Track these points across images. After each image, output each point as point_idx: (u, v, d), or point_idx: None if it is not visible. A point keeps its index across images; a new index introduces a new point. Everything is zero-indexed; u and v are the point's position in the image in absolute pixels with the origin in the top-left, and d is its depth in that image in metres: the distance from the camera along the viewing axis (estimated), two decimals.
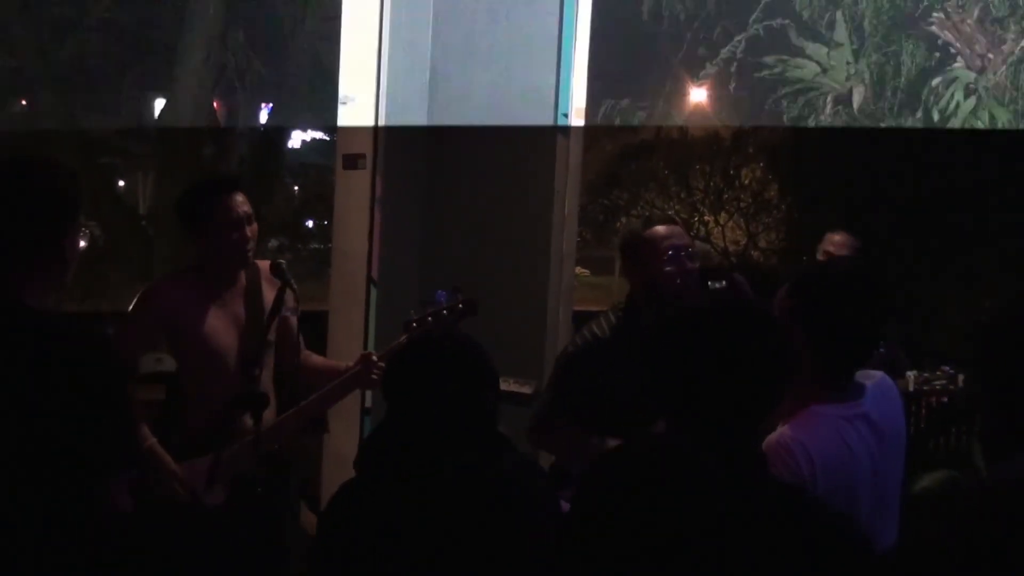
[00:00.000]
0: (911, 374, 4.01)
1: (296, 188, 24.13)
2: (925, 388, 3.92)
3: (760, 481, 2.02)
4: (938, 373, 3.96)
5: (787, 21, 5.38)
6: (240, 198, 3.86)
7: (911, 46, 5.23)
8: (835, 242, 4.92)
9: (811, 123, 5.47)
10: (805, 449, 2.43)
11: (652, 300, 3.60)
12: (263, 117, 19.33)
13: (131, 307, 3.92)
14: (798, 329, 2.48)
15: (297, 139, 26.95)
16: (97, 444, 2.32)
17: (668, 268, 3.60)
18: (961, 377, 3.90)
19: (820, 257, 4.91)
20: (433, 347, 2.51)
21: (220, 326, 3.90)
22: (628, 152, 17.13)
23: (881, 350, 3.86)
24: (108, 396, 2.35)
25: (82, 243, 2.60)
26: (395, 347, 3.78)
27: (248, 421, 3.70)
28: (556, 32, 5.11)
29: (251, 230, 3.86)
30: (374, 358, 3.90)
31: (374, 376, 3.90)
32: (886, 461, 2.65)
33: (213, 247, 3.84)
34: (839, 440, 2.53)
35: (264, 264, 4.02)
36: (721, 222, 16.15)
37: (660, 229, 3.71)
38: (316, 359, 4.24)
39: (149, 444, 3.74)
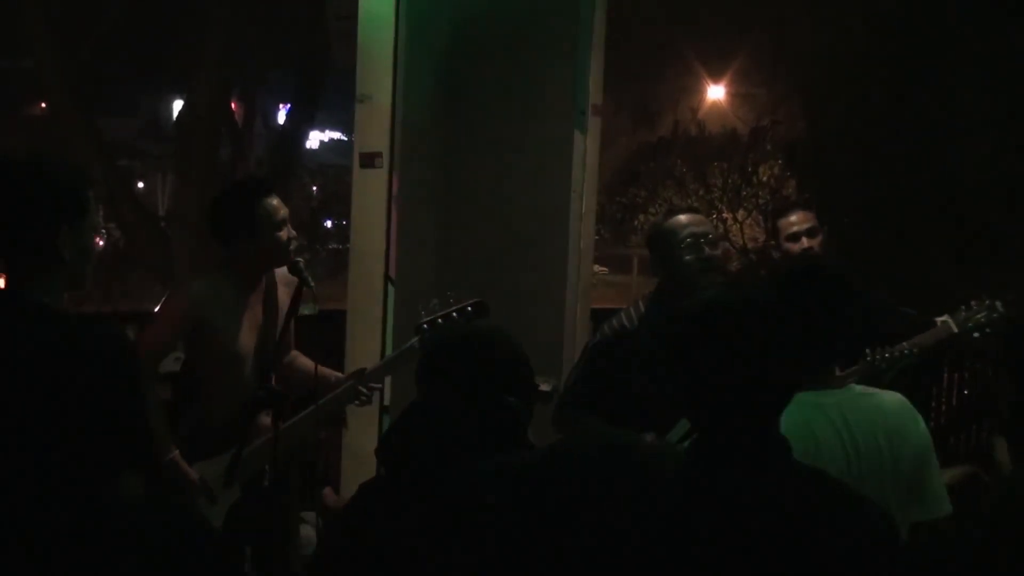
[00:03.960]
0: (944, 318, 3.95)
1: (314, 188, 24.25)
2: (970, 325, 3.86)
3: (783, 466, 2.02)
4: (973, 305, 3.90)
5: None
6: (278, 200, 3.97)
7: None
8: (794, 222, 4.61)
9: None
10: None
11: (678, 290, 3.61)
12: (281, 118, 19.43)
13: (162, 304, 3.97)
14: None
15: (315, 139, 27.09)
16: (107, 438, 2.33)
17: (688, 257, 3.63)
18: (999, 303, 3.86)
19: (786, 243, 4.62)
20: (469, 345, 2.48)
21: (245, 327, 3.98)
22: (645, 150, 17.13)
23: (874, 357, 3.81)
24: (119, 391, 2.36)
25: (99, 242, 2.61)
26: (406, 350, 4.02)
27: (264, 420, 3.73)
28: (573, 29, 5.10)
29: (289, 230, 3.99)
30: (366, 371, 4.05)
31: (363, 396, 4.04)
32: (860, 469, 2.59)
33: (256, 247, 3.92)
34: (804, 426, 2.53)
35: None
36: (739, 219, 16.12)
37: (680, 218, 3.76)
38: (304, 361, 4.27)
39: (172, 456, 3.79)
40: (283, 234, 3.94)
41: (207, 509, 3.83)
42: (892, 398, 2.74)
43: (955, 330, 3.96)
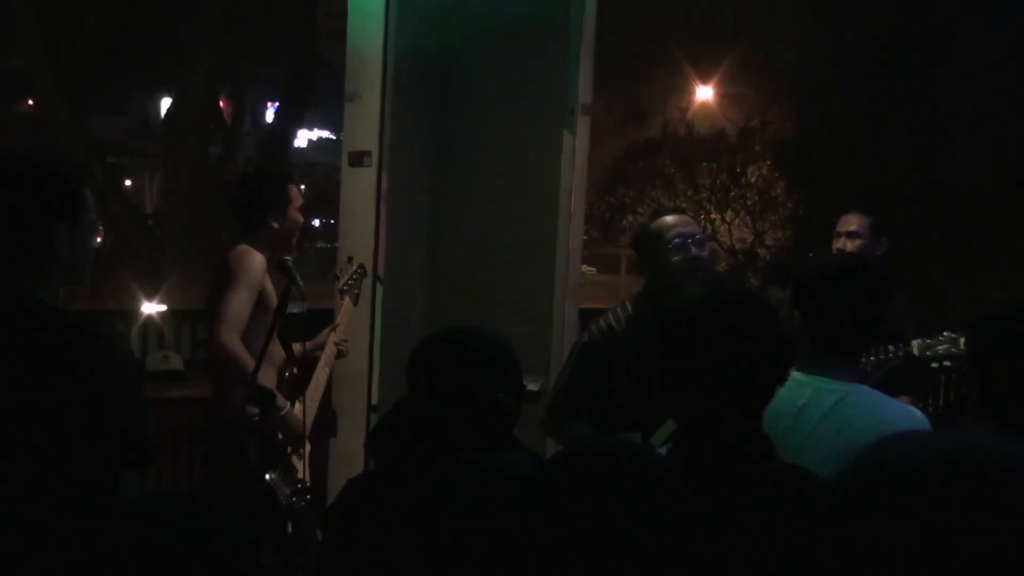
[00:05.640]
0: (916, 342, 4.04)
1: (303, 187, 24.14)
2: (928, 353, 3.94)
3: (766, 464, 2.03)
4: (940, 338, 3.98)
5: None
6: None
7: None
8: (844, 222, 4.86)
9: None
10: None
11: (665, 290, 3.61)
12: (269, 116, 19.38)
13: (235, 270, 4.17)
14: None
15: (303, 138, 27.03)
16: (104, 437, 2.33)
17: (675, 258, 3.63)
18: (962, 340, 3.92)
19: (838, 244, 4.82)
20: (459, 342, 2.48)
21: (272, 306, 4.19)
22: (634, 150, 17.13)
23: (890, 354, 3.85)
24: (115, 389, 2.36)
25: (98, 239, 2.60)
26: (345, 314, 4.49)
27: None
28: (563, 28, 5.10)
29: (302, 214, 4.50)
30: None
31: (341, 347, 4.47)
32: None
33: (288, 227, 4.39)
34: (791, 392, 2.55)
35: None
36: (728, 220, 16.14)
37: (667, 219, 3.75)
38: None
39: (288, 411, 4.16)
40: (301, 217, 4.44)
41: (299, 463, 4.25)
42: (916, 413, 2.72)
43: (915, 354, 3.99)
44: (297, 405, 4.26)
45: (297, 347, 4.50)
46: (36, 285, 2.40)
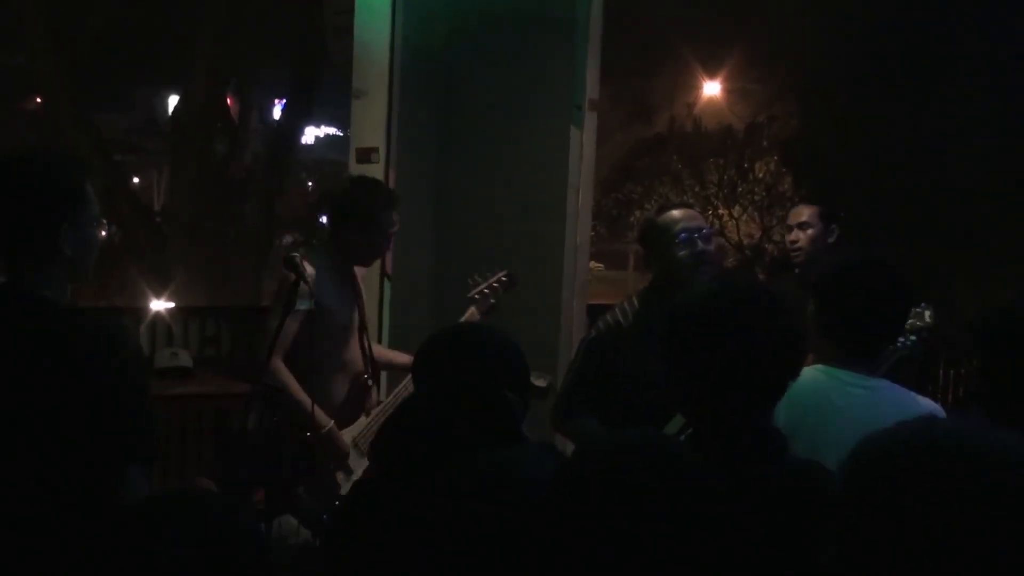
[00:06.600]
0: None
1: (310, 184, 24.19)
2: None
3: (777, 460, 2.03)
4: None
5: None
6: None
7: None
8: (794, 214, 4.97)
9: None
10: None
11: (672, 285, 3.60)
12: (276, 113, 19.37)
13: (279, 286, 4.14)
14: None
15: (311, 135, 27.04)
16: (110, 433, 2.33)
17: (681, 252, 3.62)
18: (928, 313, 3.89)
19: (791, 237, 4.87)
20: (465, 341, 2.48)
21: (348, 307, 4.25)
22: (642, 145, 17.11)
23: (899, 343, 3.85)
24: (120, 385, 2.36)
25: (102, 233, 2.60)
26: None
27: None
28: (570, 24, 5.09)
29: None
30: None
31: None
32: None
33: (374, 244, 4.24)
34: (818, 386, 2.63)
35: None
36: (735, 215, 16.12)
37: (673, 213, 3.73)
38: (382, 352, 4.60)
39: (329, 428, 4.10)
40: (388, 242, 4.32)
41: (344, 481, 4.18)
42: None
43: None
44: (361, 419, 4.28)
45: (404, 358, 4.41)
46: (42, 283, 2.40)
